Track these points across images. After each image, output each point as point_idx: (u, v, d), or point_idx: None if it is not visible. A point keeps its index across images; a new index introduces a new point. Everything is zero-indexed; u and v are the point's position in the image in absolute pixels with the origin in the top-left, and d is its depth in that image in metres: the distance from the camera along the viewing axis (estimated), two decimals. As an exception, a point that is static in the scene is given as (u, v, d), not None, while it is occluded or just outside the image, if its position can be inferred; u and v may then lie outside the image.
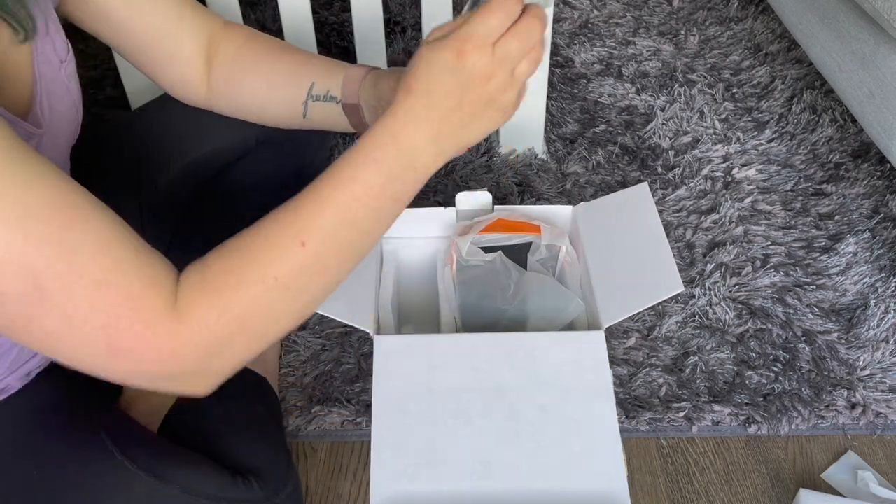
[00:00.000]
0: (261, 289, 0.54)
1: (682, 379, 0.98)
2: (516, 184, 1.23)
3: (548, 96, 1.31)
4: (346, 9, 1.57)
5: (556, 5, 1.61)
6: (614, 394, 0.76)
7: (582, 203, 0.93)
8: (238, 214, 0.99)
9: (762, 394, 0.97)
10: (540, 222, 0.91)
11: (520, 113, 0.63)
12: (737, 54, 1.51)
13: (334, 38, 1.54)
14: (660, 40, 1.54)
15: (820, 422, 0.94)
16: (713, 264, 1.11)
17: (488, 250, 0.88)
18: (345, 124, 0.79)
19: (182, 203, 0.95)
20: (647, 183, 0.92)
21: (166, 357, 0.52)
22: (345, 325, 1.00)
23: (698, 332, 1.03)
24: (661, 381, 0.98)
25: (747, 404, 0.95)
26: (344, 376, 0.98)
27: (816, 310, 1.06)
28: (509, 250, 0.89)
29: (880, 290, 1.08)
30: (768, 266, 1.11)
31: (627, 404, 0.95)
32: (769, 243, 1.14)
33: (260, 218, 0.57)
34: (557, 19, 1.59)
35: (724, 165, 1.27)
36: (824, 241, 1.15)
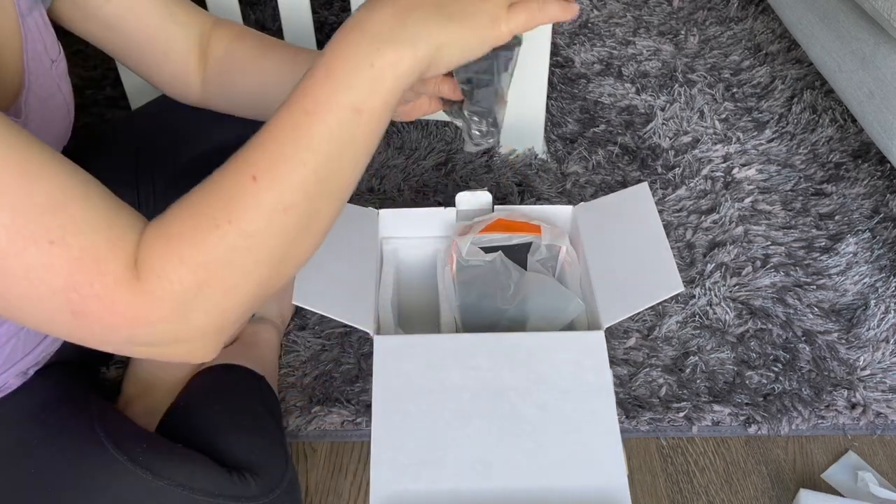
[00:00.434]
0: (216, 233, 0.49)
1: (682, 379, 0.98)
2: (516, 184, 1.23)
3: (548, 96, 1.31)
4: (346, 9, 1.57)
5: (556, 5, 1.61)
6: (614, 394, 0.76)
7: (582, 203, 0.93)
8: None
9: (762, 394, 0.97)
10: (540, 222, 0.91)
11: (520, 113, 0.62)
12: (737, 54, 1.51)
13: (334, 38, 1.54)
14: (660, 40, 1.54)
15: (820, 422, 0.94)
16: (713, 264, 1.11)
17: (488, 250, 0.88)
18: None
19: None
20: (647, 183, 0.92)
21: (131, 317, 0.49)
22: (345, 325, 1.00)
23: (698, 332, 1.03)
24: (661, 381, 0.97)
25: (747, 404, 0.95)
26: (344, 376, 0.98)
27: (817, 310, 1.06)
28: (509, 250, 0.89)
29: (880, 290, 1.08)
30: (768, 266, 1.11)
31: (627, 404, 0.95)
32: (769, 243, 1.14)
33: None
34: (557, 19, 1.58)
35: (724, 165, 1.27)
36: (824, 241, 1.15)
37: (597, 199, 0.93)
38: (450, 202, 0.94)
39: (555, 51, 1.51)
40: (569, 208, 0.94)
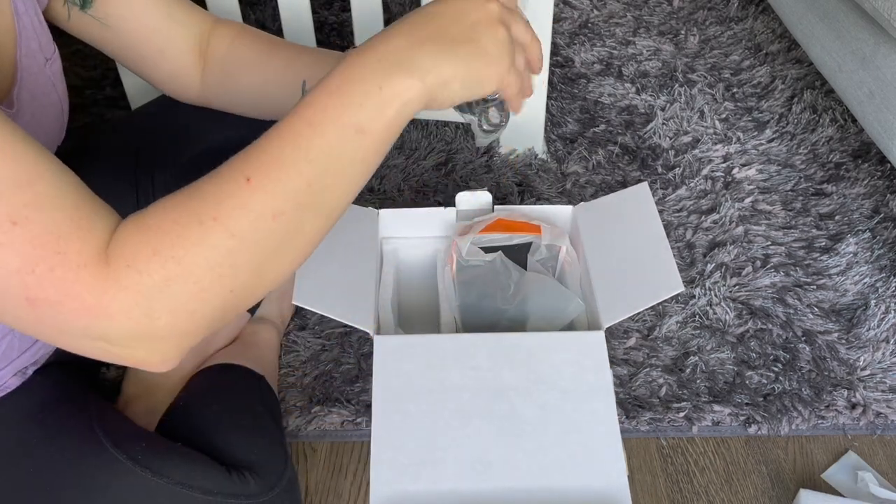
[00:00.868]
0: (199, 229, 0.48)
1: (682, 379, 0.98)
2: (516, 184, 1.23)
3: (548, 96, 1.31)
4: (346, 9, 1.57)
5: (557, 5, 1.61)
6: (614, 394, 0.76)
7: (582, 203, 0.93)
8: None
9: (762, 394, 0.97)
10: (540, 222, 0.91)
11: (520, 113, 0.63)
12: (737, 54, 1.51)
13: (334, 37, 1.54)
14: (660, 40, 1.54)
15: (820, 422, 0.94)
16: (713, 264, 1.11)
17: (488, 250, 0.88)
18: None
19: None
20: (647, 183, 0.92)
21: (91, 305, 0.46)
22: (345, 325, 1.00)
23: (698, 332, 1.03)
24: (661, 381, 0.97)
25: (747, 404, 0.95)
26: (344, 376, 0.98)
27: (817, 310, 1.06)
28: (509, 250, 0.89)
29: (881, 290, 1.08)
30: (768, 266, 1.11)
31: (627, 404, 0.95)
32: (769, 243, 1.14)
33: None
34: (557, 19, 1.59)
35: (724, 165, 1.27)
36: (825, 241, 1.15)
37: (597, 199, 0.93)
38: (450, 202, 0.94)
39: (555, 51, 1.51)
40: (569, 208, 0.94)
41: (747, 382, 0.98)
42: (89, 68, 1.45)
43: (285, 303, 1.00)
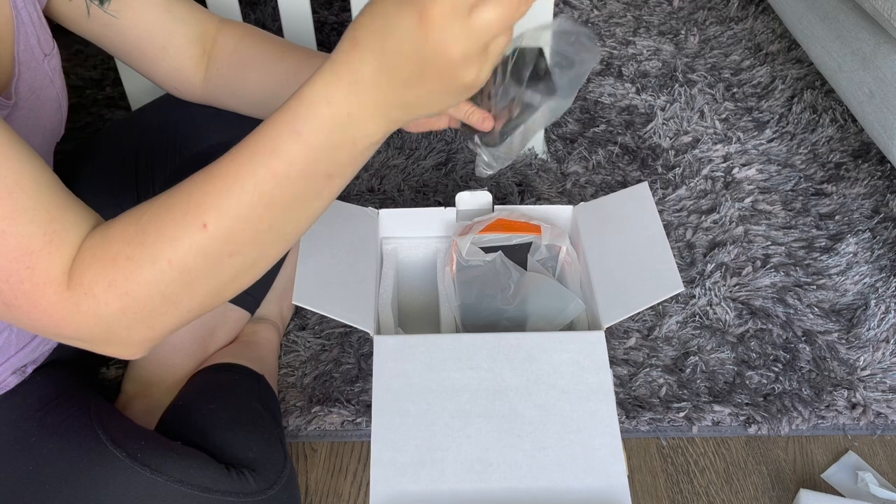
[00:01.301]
0: (152, 269, 0.49)
1: (682, 379, 0.98)
2: (516, 184, 1.23)
3: (548, 96, 1.31)
4: (346, 9, 1.57)
5: (557, 5, 1.61)
6: (614, 394, 0.76)
7: (582, 203, 0.93)
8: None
9: (762, 394, 0.97)
10: (540, 222, 0.91)
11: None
12: (737, 54, 1.51)
13: (334, 37, 1.54)
14: (660, 40, 1.54)
15: (820, 422, 0.94)
16: (713, 264, 1.11)
17: (488, 250, 0.88)
18: None
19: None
20: (647, 183, 0.92)
21: (57, 321, 0.50)
22: (345, 325, 1.00)
23: (698, 332, 1.03)
24: (661, 381, 0.97)
25: (747, 404, 0.95)
26: (344, 376, 0.98)
27: (817, 310, 1.06)
28: (509, 250, 0.89)
29: (881, 290, 1.08)
30: (769, 266, 1.11)
31: (627, 404, 0.95)
32: (769, 243, 1.14)
33: None
34: (557, 19, 1.58)
35: (724, 165, 1.27)
36: (825, 241, 1.15)
37: (597, 199, 0.93)
38: (450, 202, 0.94)
39: (555, 51, 1.51)
40: (569, 208, 0.94)
41: (747, 382, 0.98)
42: (89, 68, 1.45)
43: (285, 303, 1.00)
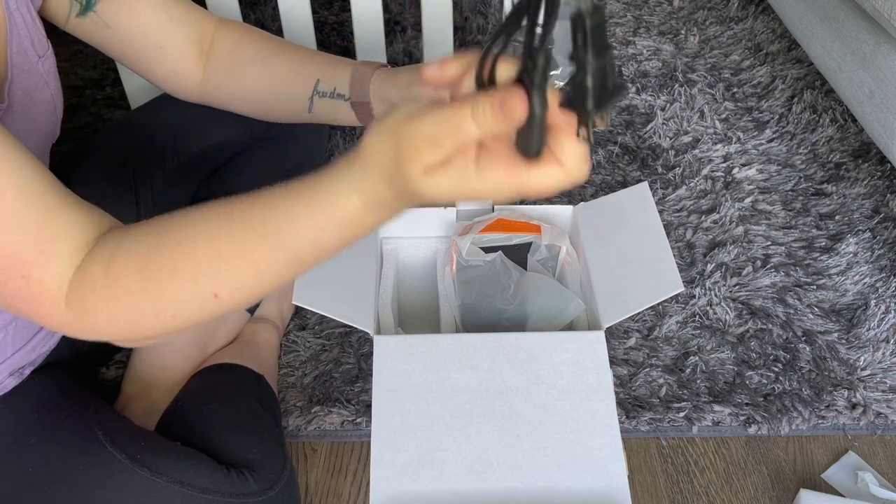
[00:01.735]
0: (153, 321, 0.53)
1: (682, 379, 0.98)
2: (516, 184, 1.23)
3: (548, 96, 1.31)
4: (346, 9, 1.57)
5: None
6: (614, 394, 0.76)
7: (582, 203, 0.93)
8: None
9: (762, 394, 0.97)
10: (540, 222, 0.91)
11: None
12: (737, 54, 1.51)
13: (334, 37, 1.54)
14: (660, 40, 1.54)
15: (820, 422, 0.94)
16: (713, 264, 1.11)
17: (488, 250, 0.88)
18: (350, 118, 0.79)
19: (179, 202, 0.95)
20: (647, 183, 0.92)
21: (53, 324, 0.53)
22: (345, 325, 1.00)
23: (698, 332, 1.03)
24: (661, 381, 0.97)
25: (748, 404, 0.95)
26: (344, 376, 0.98)
27: (817, 310, 1.06)
28: (509, 250, 0.89)
29: (881, 290, 1.08)
30: (769, 266, 1.11)
31: (627, 404, 0.95)
32: (769, 243, 1.14)
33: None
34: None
35: (724, 165, 1.27)
36: (825, 241, 1.15)
37: (597, 198, 0.93)
38: (450, 202, 0.94)
39: (555, 51, 1.50)
40: (569, 208, 0.94)
41: (747, 382, 0.98)
42: (89, 68, 1.45)
43: (285, 303, 1.00)
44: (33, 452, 0.70)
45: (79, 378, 0.81)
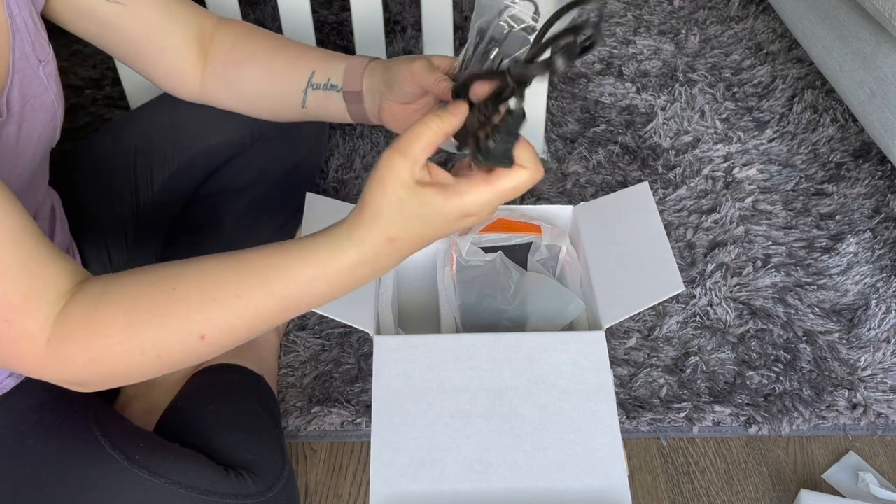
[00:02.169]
0: (140, 359, 0.54)
1: (682, 379, 0.98)
2: (516, 183, 1.23)
3: (548, 96, 1.31)
4: (346, 8, 1.57)
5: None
6: (615, 394, 0.76)
7: (582, 203, 0.93)
8: (235, 212, 0.99)
9: (763, 394, 0.97)
10: (540, 222, 0.91)
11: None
12: (737, 54, 1.50)
13: (334, 37, 1.54)
14: (660, 40, 1.54)
15: (821, 422, 0.94)
16: (714, 264, 1.10)
17: (488, 250, 0.88)
18: (342, 114, 0.78)
19: (179, 202, 0.95)
20: (647, 182, 0.92)
21: (33, 367, 0.54)
22: (345, 325, 1.00)
23: (699, 332, 1.03)
24: (661, 381, 0.97)
25: (748, 405, 0.95)
26: (344, 376, 0.98)
27: (817, 310, 1.05)
28: (509, 250, 0.89)
29: (881, 291, 1.07)
30: (769, 266, 1.10)
31: (628, 404, 0.95)
32: (770, 243, 1.14)
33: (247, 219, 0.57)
34: (558, 19, 1.58)
35: (724, 165, 1.26)
36: (825, 241, 1.15)
37: (597, 198, 0.93)
38: (450, 202, 0.94)
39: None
40: (569, 208, 0.94)
41: (748, 383, 0.98)
42: (89, 68, 1.45)
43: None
44: (32, 453, 0.69)
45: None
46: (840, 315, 1.05)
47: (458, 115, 0.55)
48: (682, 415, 0.94)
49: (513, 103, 0.54)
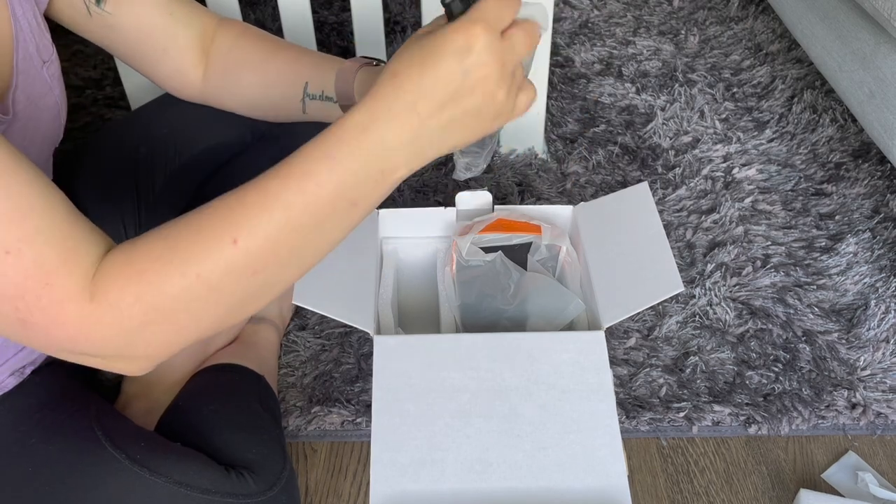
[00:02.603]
0: (181, 283, 0.51)
1: (682, 379, 0.98)
2: (516, 184, 1.23)
3: (548, 96, 1.31)
4: (346, 8, 1.57)
5: (557, 5, 1.61)
6: (614, 394, 0.76)
7: (582, 203, 0.93)
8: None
9: (762, 394, 0.97)
10: (540, 222, 0.91)
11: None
12: (737, 54, 1.51)
13: (334, 37, 1.54)
14: (660, 40, 1.54)
15: (820, 422, 0.94)
16: (713, 264, 1.11)
17: (488, 250, 0.88)
18: None
19: (180, 202, 0.95)
20: (647, 183, 0.92)
21: (74, 333, 0.51)
22: (345, 325, 1.00)
23: (698, 332, 1.03)
24: (661, 381, 0.97)
25: (748, 404, 0.95)
26: (344, 376, 0.98)
27: (817, 310, 1.06)
28: (509, 250, 0.89)
29: (881, 290, 1.08)
30: (769, 266, 1.11)
31: (628, 404, 0.95)
32: (769, 243, 1.14)
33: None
34: (557, 19, 1.58)
35: (724, 165, 1.27)
36: (825, 241, 1.15)
37: (597, 199, 0.93)
38: (450, 202, 0.94)
39: (555, 50, 1.51)
40: (569, 208, 0.94)
41: (747, 382, 0.98)
42: (89, 68, 1.45)
43: (285, 303, 1.00)
44: (33, 452, 0.70)
45: (79, 378, 0.81)
46: (839, 315, 1.05)
47: None
48: (682, 414, 0.94)
49: None
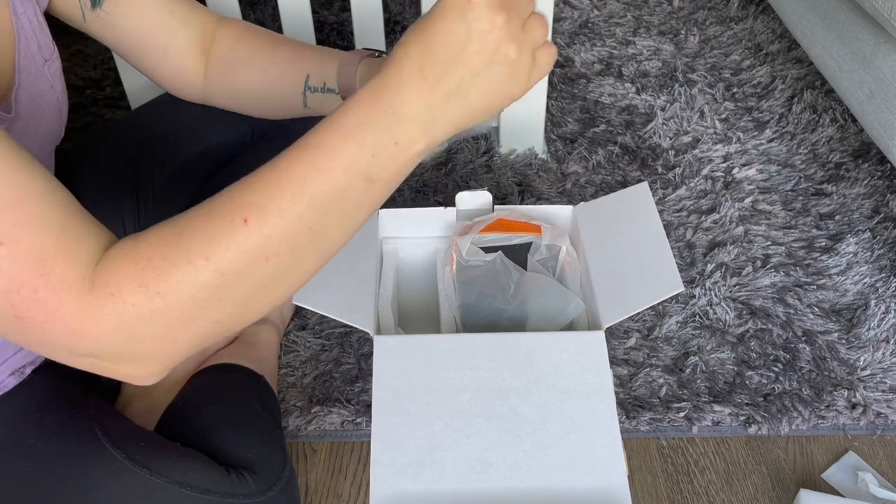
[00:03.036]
0: (188, 268, 0.47)
1: (682, 379, 0.98)
2: (516, 184, 1.23)
3: (548, 96, 1.31)
4: (346, 8, 1.57)
5: (557, 5, 1.61)
6: (614, 394, 0.76)
7: (582, 203, 0.93)
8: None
9: (762, 394, 0.97)
10: (540, 222, 0.91)
11: (520, 112, 0.62)
12: (737, 54, 1.51)
13: (334, 37, 1.54)
14: (660, 40, 1.54)
15: (820, 422, 0.94)
16: (713, 264, 1.11)
17: (488, 250, 0.88)
18: None
19: (180, 202, 0.95)
20: (647, 183, 0.92)
21: (74, 327, 0.47)
22: (345, 325, 1.00)
23: (698, 332, 1.03)
24: (661, 381, 0.97)
25: (748, 404, 0.95)
26: (344, 376, 0.98)
27: (817, 310, 1.06)
28: (509, 250, 0.89)
29: (881, 290, 1.08)
30: (769, 266, 1.11)
31: (628, 404, 0.95)
32: (769, 243, 1.14)
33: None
34: (557, 19, 1.58)
35: (724, 165, 1.27)
36: (825, 241, 1.15)
37: (597, 198, 0.93)
38: (450, 202, 0.94)
39: (555, 50, 1.51)
40: (569, 208, 0.94)
41: (747, 382, 0.98)
42: (89, 68, 1.45)
43: (285, 303, 1.00)
44: (33, 453, 0.70)
45: (79, 377, 0.81)
46: (839, 315, 1.05)
47: None
48: (682, 414, 0.94)
49: None
